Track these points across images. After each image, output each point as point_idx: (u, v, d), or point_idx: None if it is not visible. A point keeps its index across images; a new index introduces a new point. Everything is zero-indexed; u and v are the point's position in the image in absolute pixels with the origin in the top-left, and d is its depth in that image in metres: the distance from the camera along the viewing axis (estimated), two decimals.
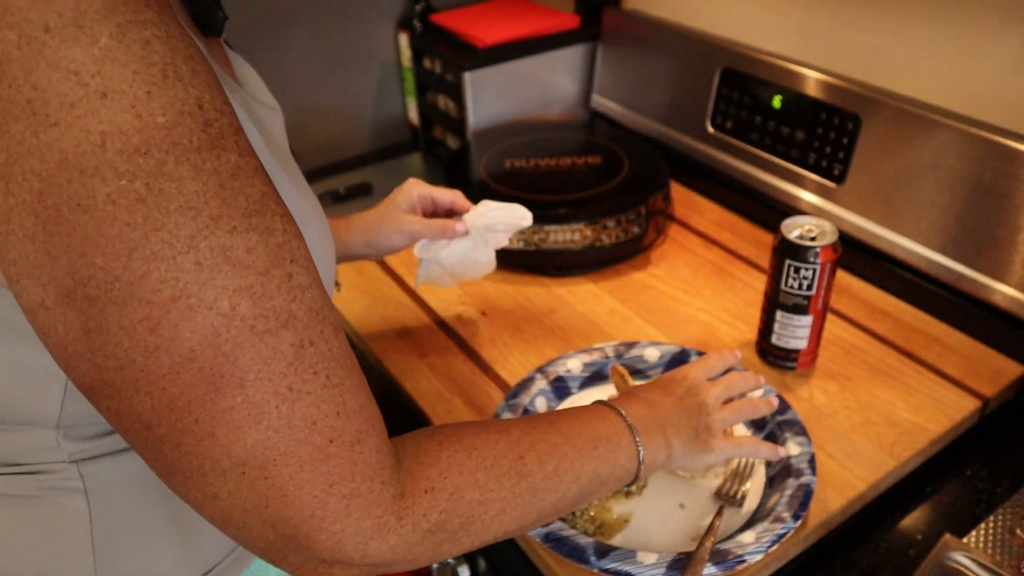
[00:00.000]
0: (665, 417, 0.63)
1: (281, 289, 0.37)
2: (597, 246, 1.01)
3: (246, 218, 0.36)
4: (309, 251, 0.40)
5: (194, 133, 0.34)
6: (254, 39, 1.26)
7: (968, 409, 0.80)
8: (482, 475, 0.48)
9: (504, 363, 0.89)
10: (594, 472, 0.55)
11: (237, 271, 0.35)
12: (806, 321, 0.81)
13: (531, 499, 0.51)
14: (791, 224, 0.80)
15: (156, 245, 0.34)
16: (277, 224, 0.38)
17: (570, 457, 0.54)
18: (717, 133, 1.15)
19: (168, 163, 0.34)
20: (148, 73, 0.33)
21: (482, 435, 0.50)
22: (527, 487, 0.50)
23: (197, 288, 0.34)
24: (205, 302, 0.35)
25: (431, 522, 0.45)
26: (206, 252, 0.35)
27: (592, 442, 0.56)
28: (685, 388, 0.66)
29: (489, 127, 1.29)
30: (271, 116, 0.57)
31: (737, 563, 0.63)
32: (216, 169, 0.35)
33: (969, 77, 0.91)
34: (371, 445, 0.42)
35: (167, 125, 0.34)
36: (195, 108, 0.35)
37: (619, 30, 1.29)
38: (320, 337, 0.39)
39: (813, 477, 0.70)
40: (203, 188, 0.34)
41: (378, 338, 0.94)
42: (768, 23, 1.12)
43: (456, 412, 0.82)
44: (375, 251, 0.85)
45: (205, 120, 0.35)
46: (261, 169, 0.38)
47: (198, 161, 0.34)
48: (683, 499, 0.72)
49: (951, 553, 0.67)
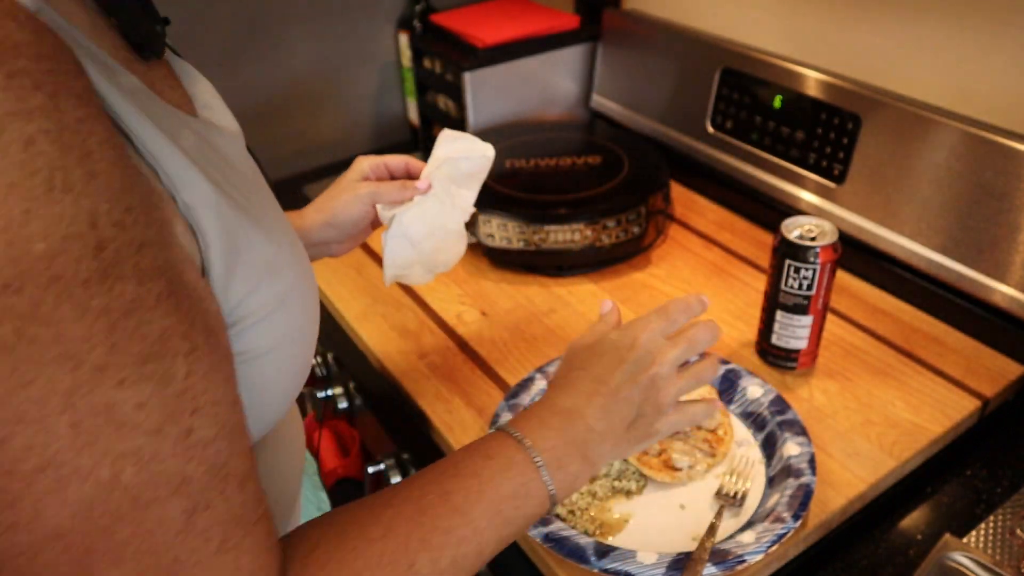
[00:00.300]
0: (587, 429, 0.55)
1: (176, 449, 0.32)
2: (597, 246, 1.01)
3: (139, 366, 0.30)
4: (226, 382, 0.35)
5: (82, 261, 0.28)
6: (254, 40, 1.26)
7: (968, 409, 0.80)
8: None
9: (504, 363, 0.89)
10: (498, 539, 0.50)
11: (122, 432, 0.30)
12: (806, 321, 0.81)
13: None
14: (791, 224, 0.80)
15: (23, 404, 0.28)
16: (179, 367, 0.32)
17: (468, 539, 0.47)
18: (717, 133, 1.15)
19: (45, 302, 0.28)
20: (28, 185, 0.27)
21: (361, 545, 0.43)
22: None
23: (71, 455, 0.29)
24: (80, 472, 0.29)
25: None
26: (85, 412, 0.29)
27: (495, 508, 0.49)
28: (635, 358, 0.58)
29: (489, 127, 1.29)
30: (231, 143, 0.49)
31: (737, 563, 0.63)
32: (106, 307, 0.29)
33: (969, 77, 0.91)
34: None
35: (47, 254, 0.27)
36: (86, 227, 0.28)
37: (619, 30, 1.29)
38: (220, 497, 0.34)
39: (813, 477, 0.70)
40: (87, 332, 0.29)
41: (378, 338, 0.94)
42: (768, 23, 1.12)
43: (456, 412, 0.83)
44: (337, 231, 0.76)
45: (98, 242, 0.29)
46: (166, 295, 0.32)
47: (84, 298, 0.28)
48: (683, 499, 0.72)
49: (951, 553, 0.67)
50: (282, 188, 1.36)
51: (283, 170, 1.39)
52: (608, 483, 0.72)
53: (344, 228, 0.76)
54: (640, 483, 0.73)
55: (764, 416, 0.78)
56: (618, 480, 0.73)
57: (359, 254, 1.10)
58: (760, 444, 0.77)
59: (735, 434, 0.78)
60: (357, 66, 1.39)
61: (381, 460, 0.89)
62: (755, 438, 0.78)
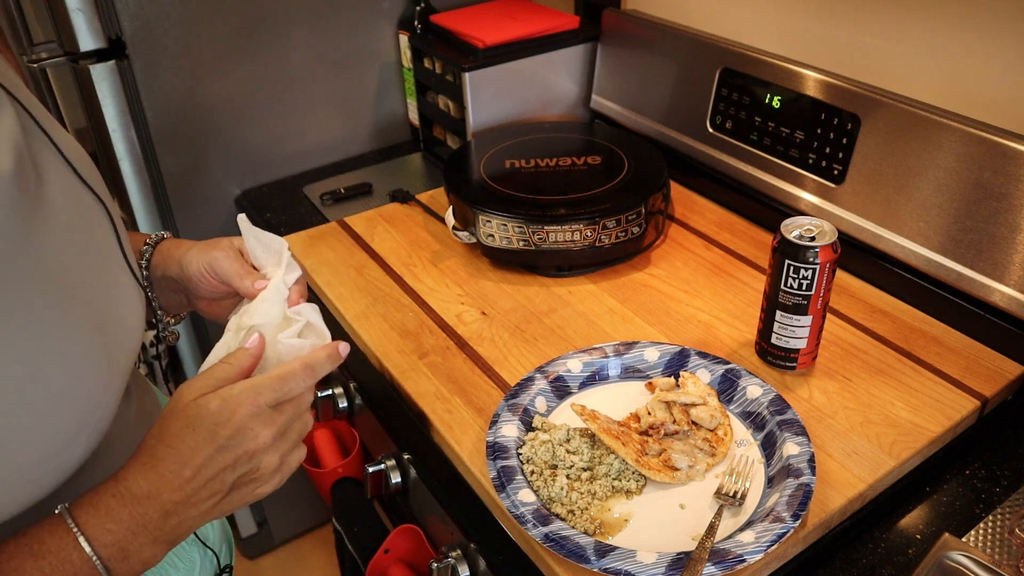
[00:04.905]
0: (163, 514, 0.51)
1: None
2: (597, 246, 1.01)
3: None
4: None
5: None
6: (255, 39, 1.26)
7: (967, 409, 0.80)
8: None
9: (504, 363, 0.89)
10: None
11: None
12: (806, 321, 0.81)
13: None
14: (791, 224, 0.80)
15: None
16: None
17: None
18: (717, 133, 1.15)
19: None
20: None
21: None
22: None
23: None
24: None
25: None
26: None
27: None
28: (229, 437, 0.52)
29: (489, 127, 1.29)
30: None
31: (737, 563, 0.63)
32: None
33: (969, 77, 0.91)
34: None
35: None
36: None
37: (619, 30, 1.30)
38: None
39: (813, 477, 0.70)
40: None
41: (378, 338, 0.94)
42: (768, 23, 1.12)
43: (456, 412, 0.83)
44: (181, 272, 0.69)
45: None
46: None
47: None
48: (683, 499, 0.72)
49: (950, 552, 0.67)
50: (282, 188, 1.37)
51: (283, 170, 1.39)
52: (608, 483, 0.73)
53: (188, 273, 0.69)
54: (640, 483, 0.73)
55: (764, 416, 0.78)
56: (618, 480, 0.73)
57: (360, 254, 1.11)
58: (760, 444, 0.77)
59: (735, 434, 0.78)
60: (357, 66, 1.39)
61: (381, 460, 0.89)
62: (755, 438, 0.78)
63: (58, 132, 0.58)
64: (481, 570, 0.76)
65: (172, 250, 0.71)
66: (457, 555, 0.77)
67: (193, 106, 1.26)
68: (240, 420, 0.52)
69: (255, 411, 0.53)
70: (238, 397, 0.53)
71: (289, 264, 0.66)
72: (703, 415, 0.78)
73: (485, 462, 0.74)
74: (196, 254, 0.69)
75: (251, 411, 0.53)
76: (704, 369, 0.84)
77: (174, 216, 1.32)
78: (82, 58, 1.18)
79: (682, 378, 0.83)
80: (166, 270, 0.71)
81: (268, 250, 0.67)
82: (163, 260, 0.71)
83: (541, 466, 0.74)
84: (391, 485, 0.89)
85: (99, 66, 1.18)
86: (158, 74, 1.21)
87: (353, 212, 1.22)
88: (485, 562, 0.75)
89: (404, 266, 1.07)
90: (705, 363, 0.84)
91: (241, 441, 0.52)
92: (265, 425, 0.53)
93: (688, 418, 0.78)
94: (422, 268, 1.07)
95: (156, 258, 0.71)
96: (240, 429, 0.52)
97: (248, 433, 0.53)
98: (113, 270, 0.59)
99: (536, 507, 0.69)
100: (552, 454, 0.75)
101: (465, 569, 0.77)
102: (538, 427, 0.78)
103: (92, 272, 0.55)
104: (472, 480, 0.77)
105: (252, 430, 0.53)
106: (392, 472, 0.89)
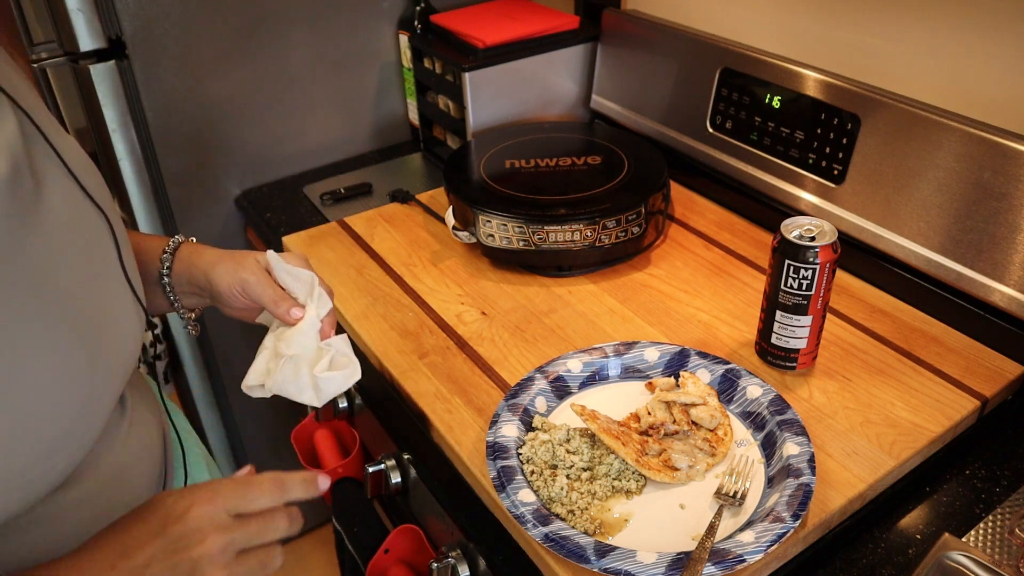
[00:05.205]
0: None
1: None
2: (597, 246, 1.01)
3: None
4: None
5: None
6: (255, 39, 1.26)
7: (967, 409, 0.80)
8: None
9: (504, 363, 0.89)
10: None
11: None
12: (805, 321, 0.81)
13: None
14: (791, 224, 0.80)
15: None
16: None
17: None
18: (717, 133, 1.15)
19: None
20: None
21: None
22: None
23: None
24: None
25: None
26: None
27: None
28: (177, 533, 0.48)
29: (489, 127, 1.29)
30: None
31: (737, 563, 0.63)
32: None
33: (969, 77, 0.91)
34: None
35: None
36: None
37: (619, 30, 1.30)
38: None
39: (813, 477, 0.70)
40: None
41: (378, 338, 0.94)
42: (768, 23, 1.12)
43: (456, 412, 0.83)
44: (207, 286, 0.71)
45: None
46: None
47: None
48: (683, 499, 0.72)
49: (950, 552, 0.67)
50: (282, 188, 1.37)
51: (283, 170, 1.39)
52: (608, 483, 0.73)
53: (215, 289, 0.71)
54: (640, 483, 0.73)
55: (764, 416, 0.78)
56: (618, 480, 0.73)
57: (360, 254, 1.11)
58: (760, 444, 0.77)
59: (735, 434, 0.78)
60: (357, 66, 1.39)
61: (381, 460, 0.89)
62: (755, 438, 0.78)
63: (63, 141, 0.58)
64: (481, 570, 0.76)
65: (195, 259, 0.73)
66: (457, 555, 0.77)
67: (193, 106, 1.26)
68: (192, 518, 0.48)
69: (210, 512, 0.49)
70: (195, 493, 0.50)
71: (320, 297, 0.71)
72: (703, 415, 0.78)
73: (485, 462, 0.74)
74: (225, 273, 0.70)
75: (206, 511, 0.49)
76: (704, 369, 0.84)
77: (174, 216, 1.32)
78: (82, 58, 1.18)
79: (682, 378, 0.83)
80: (191, 278, 0.73)
81: (298, 280, 0.71)
82: (186, 268, 0.73)
83: (541, 466, 0.74)
84: (391, 485, 0.89)
85: (99, 66, 1.18)
86: (158, 74, 1.21)
87: (353, 212, 1.23)
88: (485, 562, 0.75)
89: (404, 266, 1.08)
90: (705, 363, 0.84)
91: (187, 543, 0.48)
92: (217, 531, 0.49)
93: (688, 418, 0.78)
94: (422, 268, 1.07)
95: (178, 265, 0.73)
96: (190, 529, 0.48)
97: (196, 535, 0.48)
98: (110, 284, 0.59)
99: (536, 507, 0.69)
100: (552, 454, 0.75)
101: (465, 569, 0.77)
102: (538, 427, 0.78)
103: (86, 284, 0.55)
104: (472, 480, 0.77)
105: (201, 532, 0.48)
106: (392, 472, 0.89)
